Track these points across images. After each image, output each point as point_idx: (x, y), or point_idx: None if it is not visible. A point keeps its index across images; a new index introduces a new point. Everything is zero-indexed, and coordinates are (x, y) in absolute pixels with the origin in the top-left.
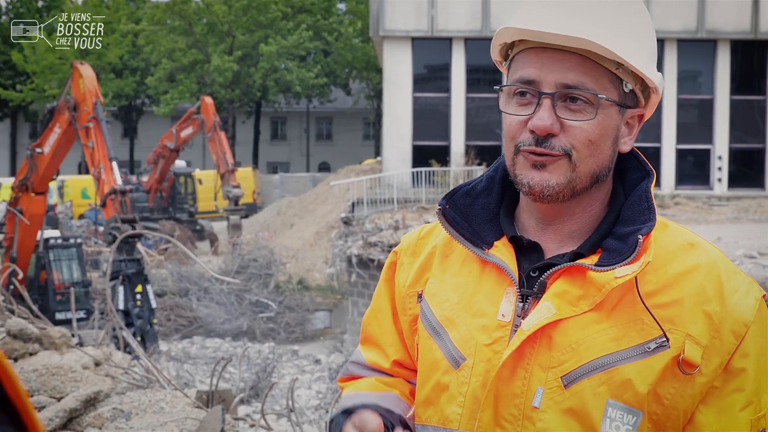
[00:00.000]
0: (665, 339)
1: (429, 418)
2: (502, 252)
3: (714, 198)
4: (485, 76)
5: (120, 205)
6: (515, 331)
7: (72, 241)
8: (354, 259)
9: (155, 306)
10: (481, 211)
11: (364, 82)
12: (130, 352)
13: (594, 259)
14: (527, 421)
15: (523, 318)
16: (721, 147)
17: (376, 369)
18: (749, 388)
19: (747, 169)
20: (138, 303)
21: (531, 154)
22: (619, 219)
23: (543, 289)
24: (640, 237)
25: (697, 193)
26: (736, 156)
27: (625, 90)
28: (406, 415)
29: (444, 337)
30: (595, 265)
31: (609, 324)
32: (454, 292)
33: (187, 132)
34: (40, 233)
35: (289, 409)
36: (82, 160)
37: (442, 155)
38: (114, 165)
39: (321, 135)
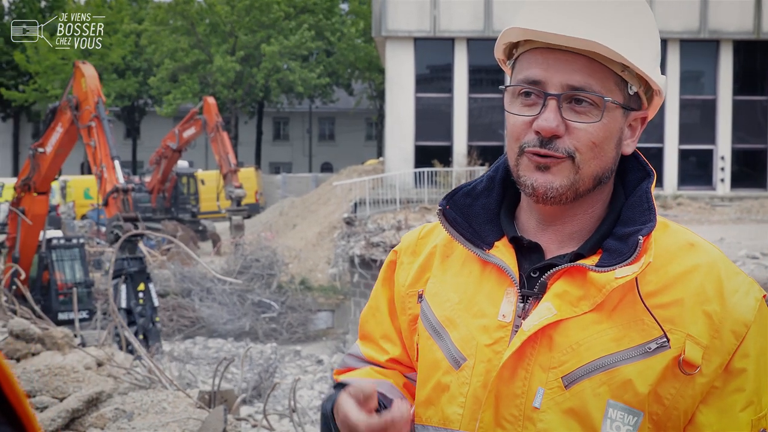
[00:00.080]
0: (666, 339)
1: (429, 418)
2: (503, 252)
3: (716, 198)
4: (487, 77)
5: (122, 203)
6: (516, 331)
7: (74, 241)
8: (356, 260)
9: (158, 304)
10: (481, 212)
11: (367, 83)
12: (133, 352)
13: (594, 259)
14: (528, 422)
15: (523, 318)
16: (723, 147)
17: (373, 363)
18: (750, 388)
19: (749, 170)
20: (140, 301)
21: (535, 155)
22: (619, 219)
23: (543, 289)
24: (641, 237)
25: (699, 193)
26: (738, 156)
27: (630, 93)
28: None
29: (444, 337)
30: (596, 265)
31: (609, 324)
32: (455, 292)
33: (189, 132)
34: (42, 233)
35: (291, 410)
36: (85, 160)
37: (445, 155)
38: (116, 164)
39: (323, 135)
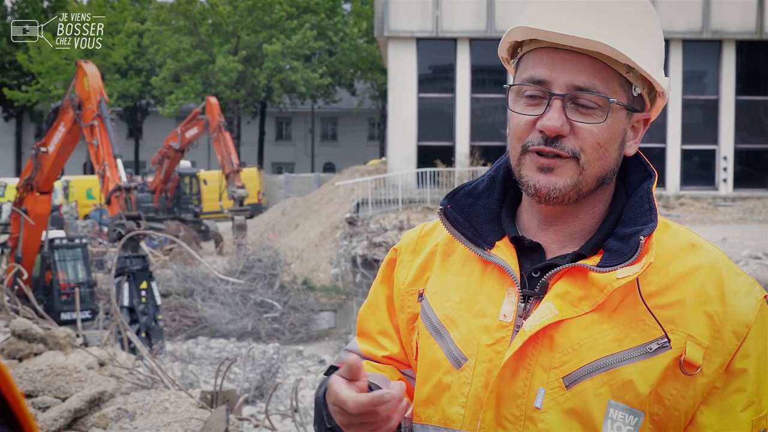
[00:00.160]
0: (667, 340)
1: (429, 417)
2: (504, 252)
3: (719, 198)
4: (490, 77)
5: (125, 202)
6: (517, 331)
7: (77, 241)
8: (359, 260)
9: (160, 302)
10: (482, 211)
11: (369, 83)
12: (135, 351)
13: (596, 259)
14: (529, 422)
15: (524, 318)
16: (726, 147)
17: (370, 358)
18: (750, 388)
19: (752, 170)
20: (143, 299)
21: (539, 154)
22: (620, 220)
23: (545, 289)
24: (642, 238)
25: (702, 193)
26: (741, 156)
27: (634, 94)
28: (405, 414)
29: (445, 336)
30: (597, 265)
31: (611, 325)
32: (456, 291)
33: (192, 132)
34: (45, 233)
35: (294, 410)
36: (87, 160)
37: (447, 155)
38: (119, 162)
39: (326, 135)
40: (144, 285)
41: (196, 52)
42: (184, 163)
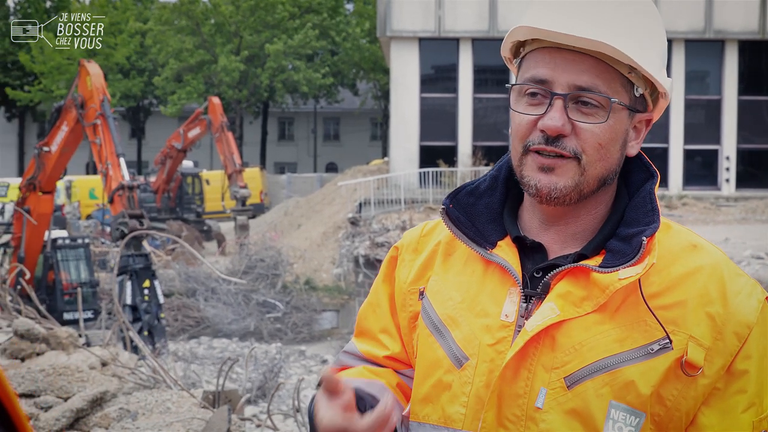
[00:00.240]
0: (668, 341)
1: (427, 415)
2: (506, 252)
3: (722, 198)
4: (492, 77)
5: (127, 200)
6: (518, 331)
7: (80, 241)
8: (361, 260)
9: (163, 301)
10: (484, 211)
11: (372, 83)
12: (137, 350)
13: (598, 260)
14: (530, 422)
15: (526, 318)
16: (728, 147)
17: (370, 360)
18: (752, 389)
19: (755, 170)
20: (146, 298)
21: (540, 154)
22: (622, 220)
23: (546, 289)
24: (644, 239)
25: (704, 193)
26: (743, 156)
27: (636, 94)
28: (402, 413)
29: (446, 335)
30: (599, 266)
31: (612, 325)
32: (457, 291)
33: (194, 132)
34: (47, 233)
35: (296, 410)
36: (90, 160)
37: (450, 155)
38: (121, 161)
39: (328, 135)
40: (147, 283)
41: (199, 52)
42: (187, 163)
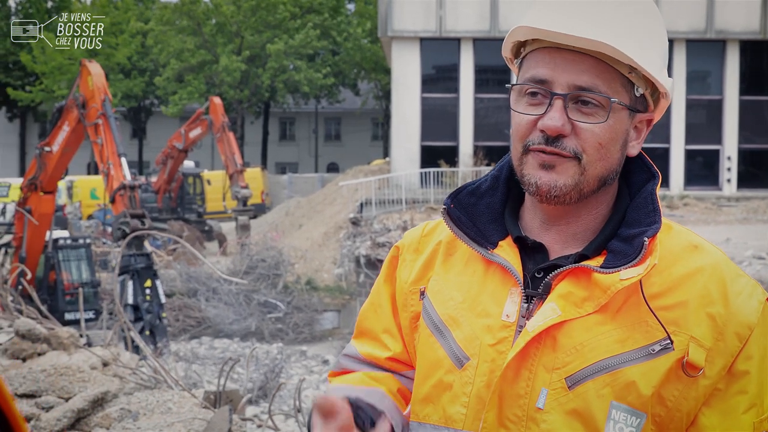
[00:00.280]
0: (669, 341)
1: (427, 416)
2: (507, 252)
3: (723, 199)
4: (494, 77)
5: (129, 200)
6: (519, 331)
7: (81, 241)
8: (362, 260)
9: (164, 301)
10: (485, 211)
11: (373, 83)
12: (139, 351)
13: (599, 260)
14: (531, 422)
15: (527, 319)
16: (730, 147)
17: (371, 362)
18: (753, 390)
19: (756, 170)
20: (147, 297)
21: (540, 152)
22: (624, 221)
23: (548, 290)
24: (646, 239)
25: (706, 193)
26: (745, 156)
27: (636, 94)
28: (403, 413)
29: (447, 336)
30: (601, 266)
31: (613, 326)
32: (458, 291)
33: (195, 132)
34: (49, 233)
35: (297, 410)
36: (91, 160)
37: (451, 156)
38: (123, 161)
39: (329, 135)
40: (148, 283)
41: (200, 52)
42: (188, 163)
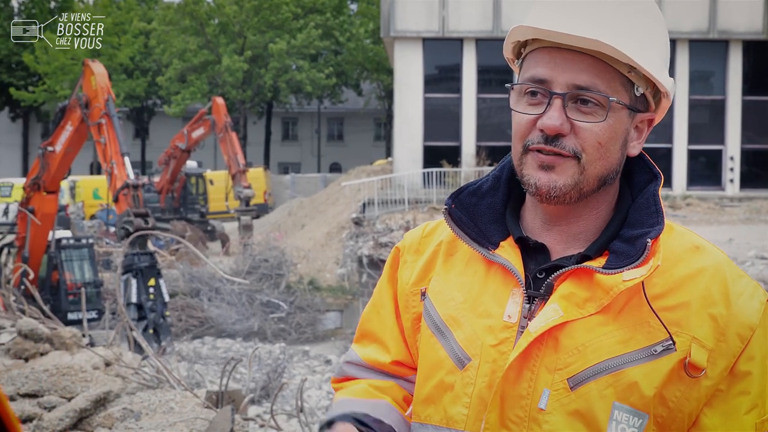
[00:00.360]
0: (672, 342)
1: (429, 416)
2: (509, 253)
3: (726, 199)
4: (496, 77)
5: (132, 199)
6: (521, 332)
7: (84, 241)
8: (365, 260)
9: (168, 299)
10: (487, 211)
11: (375, 83)
12: (141, 351)
13: (601, 261)
14: (533, 423)
15: (529, 319)
16: (733, 148)
17: (374, 367)
18: (755, 391)
19: (759, 170)
20: (151, 296)
21: (539, 152)
22: (626, 221)
23: (550, 290)
24: (649, 240)
25: (708, 193)
26: (748, 157)
27: (636, 94)
28: (404, 414)
29: (448, 336)
30: (603, 267)
31: (616, 326)
32: (459, 291)
33: (198, 133)
34: (51, 233)
35: (299, 410)
36: (94, 160)
37: (453, 156)
38: (126, 160)
39: (332, 135)
40: (152, 282)
41: (203, 52)
42: (191, 164)
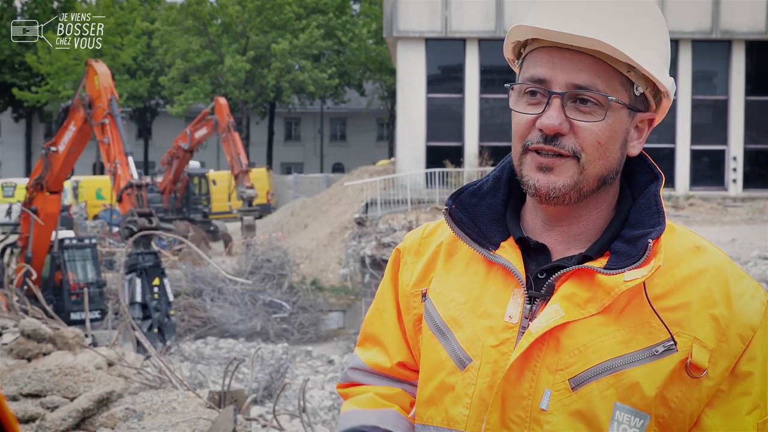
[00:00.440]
0: (673, 342)
1: (431, 418)
2: (509, 253)
3: (728, 199)
4: (499, 77)
5: (136, 199)
6: (522, 332)
7: (87, 241)
8: (367, 260)
9: (172, 299)
10: (487, 212)
11: (378, 83)
12: (145, 351)
13: (602, 262)
14: (534, 424)
15: (530, 320)
16: (735, 148)
17: (378, 371)
18: (756, 391)
19: (762, 170)
20: (155, 296)
21: (538, 153)
22: (627, 222)
23: (551, 291)
24: (650, 241)
25: (711, 194)
26: (750, 157)
27: (636, 93)
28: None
29: (449, 337)
30: (604, 268)
31: (617, 327)
32: (460, 292)
33: (201, 133)
34: (54, 233)
35: (302, 410)
36: (97, 160)
37: (456, 156)
38: (130, 160)
39: (335, 136)
40: (156, 281)
41: (205, 52)
42: (194, 164)
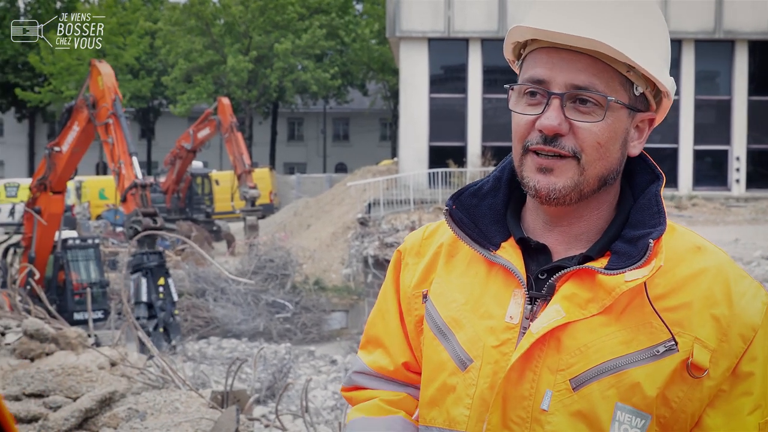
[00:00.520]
0: (674, 342)
1: (433, 419)
2: (510, 253)
3: (732, 199)
4: (502, 77)
5: (141, 199)
6: (523, 333)
7: (90, 241)
8: (370, 260)
9: (177, 299)
10: (488, 212)
11: (381, 83)
12: (149, 351)
13: (603, 262)
14: (535, 424)
15: (531, 320)
16: (738, 148)
17: (381, 375)
18: (757, 391)
19: (765, 170)
20: (161, 295)
21: (538, 154)
22: (628, 222)
23: (552, 291)
24: (651, 241)
25: (714, 194)
26: (754, 157)
27: (636, 93)
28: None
29: (450, 338)
30: (605, 268)
31: (618, 327)
32: (461, 292)
33: (204, 133)
34: (58, 233)
35: (304, 410)
36: (100, 160)
37: (459, 156)
38: (134, 160)
39: (338, 136)
40: (161, 281)
41: (208, 52)
42: (196, 164)
